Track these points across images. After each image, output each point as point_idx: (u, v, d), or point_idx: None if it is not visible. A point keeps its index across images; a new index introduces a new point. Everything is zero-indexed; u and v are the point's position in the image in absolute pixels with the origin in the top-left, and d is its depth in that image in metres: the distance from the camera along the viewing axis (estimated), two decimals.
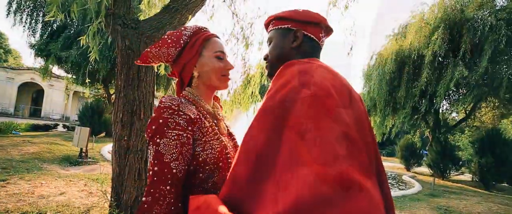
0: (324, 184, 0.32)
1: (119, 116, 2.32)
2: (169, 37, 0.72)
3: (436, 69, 8.55)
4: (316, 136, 0.38)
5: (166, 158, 0.58)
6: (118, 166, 2.17)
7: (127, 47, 2.49)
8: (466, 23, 8.13)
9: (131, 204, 2.02)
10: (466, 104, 9.54)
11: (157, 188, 0.57)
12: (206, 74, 0.73)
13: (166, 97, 0.66)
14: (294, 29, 0.65)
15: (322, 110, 0.42)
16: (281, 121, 0.44)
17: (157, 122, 0.60)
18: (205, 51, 0.73)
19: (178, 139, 0.60)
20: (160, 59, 0.73)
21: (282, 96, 0.47)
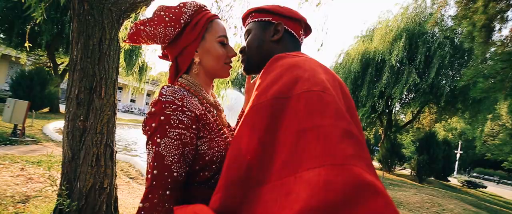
0: (336, 187, 0.28)
1: (74, 92, 1.99)
2: (167, 14, 0.61)
3: (394, 74, 9.47)
4: (318, 134, 0.35)
5: (166, 160, 0.52)
6: (71, 149, 1.88)
7: (87, 12, 2.11)
8: (422, 36, 9.10)
9: (86, 192, 1.78)
10: (414, 108, 10.87)
11: (156, 193, 0.51)
12: (208, 61, 0.65)
13: (167, 89, 0.57)
14: (275, 23, 0.62)
15: (320, 106, 0.38)
16: (275, 119, 0.40)
17: (158, 119, 0.53)
18: (208, 35, 0.64)
19: (181, 139, 0.53)
20: (154, 40, 0.63)
21: (274, 92, 0.43)
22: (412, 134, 14.25)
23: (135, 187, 2.90)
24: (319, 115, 0.37)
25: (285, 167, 0.35)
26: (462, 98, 9.05)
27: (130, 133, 9.67)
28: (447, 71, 9.19)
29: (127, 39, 0.64)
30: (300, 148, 0.35)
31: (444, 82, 9.05)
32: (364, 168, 0.31)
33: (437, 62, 8.44)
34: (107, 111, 2.02)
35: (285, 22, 0.62)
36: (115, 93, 2.19)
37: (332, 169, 0.30)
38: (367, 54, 10.34)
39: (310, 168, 0.31)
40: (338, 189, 0.28)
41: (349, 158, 0.31)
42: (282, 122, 0.39)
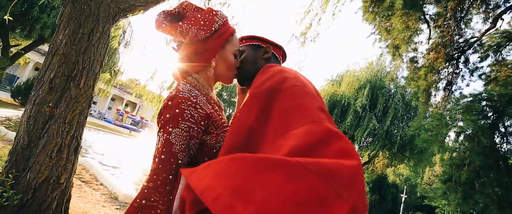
0: (314, 134, 0.41)
1: (48, 75, 1.88)
2: (202, 18, 0.69)
3: (357, 118, 10.48)
4: (301, 108, 0.49)
5: (174, 148, 0.58)
6: (28, 135, 1.71)
7: (84, 1, 2.12)
8: (382, 89, 10.49)
9: (36, 185, 1.59)
10: (370, 151, 11.91)
11: (160, 176, 0.56)
12: (221, 68, 0.74)
13: (183, 86, 0.65)
14: (264, 46, 0.79)
15: (302, 94, 0.53)
16: (269, 104, 0.53)
17: (173, 111, 0.59)
18: (228, 46, 0.74)
19: (189, 131, 0.60)
20: (184, 36, 0.69)
21: (269, 86, 0.56)
22: (367, 176, 15.36)
23: (87, 192, 2.59)
24: (301, 98, 0.51)
25: (277, 132, 0.47)
26: (409, 148, 10.31)
27: (86, 135, 8.70)
28: (399, 122, 10.54)
29: (161, 29, 0.70)
30: (288, 118, 0.47)
31: (396, 131, 10.30)
32: (331, 124, 0.45)
33: (392, 113, 9.70)
34: (82, 102, 1.92)
35: (271, 47, 0.80)
36: (94, 86, 2.11)
37: (311, 124, 0.43)
38: (335, 96, 11.39)
39: (296, 128, 0.44)
40: (316, 134, 0.40)
41: (323, 119, 0.45)
42: (274, 105, 0.52)
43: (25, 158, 1.67)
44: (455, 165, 4.77)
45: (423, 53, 6.27)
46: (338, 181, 0.32)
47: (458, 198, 4.58)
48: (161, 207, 0.55)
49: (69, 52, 1.97)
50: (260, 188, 0.32)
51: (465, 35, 6.09)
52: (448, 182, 4.81)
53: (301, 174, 0.33)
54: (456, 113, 4.60)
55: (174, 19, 0.73)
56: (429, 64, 5.90)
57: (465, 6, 5.74)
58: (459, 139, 4.80)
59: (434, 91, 6.13)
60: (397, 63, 6.32)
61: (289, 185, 0.31)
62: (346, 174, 0.34)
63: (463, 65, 6.17)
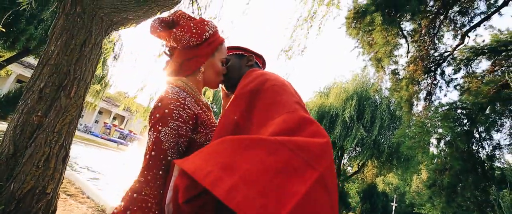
0: (290, 121, 0.48)
1: (38, 85, 1.90)
2: (194, 27, 0.76)
3: (346, 128, 10.73)
4: (280, 102, 0.56)
5: (164, 145, 0.62)
6: (14, 144, 1.69)
7: (77, 14, 2.19)
8: (368, 100, 10.89)
9: (20, 196, 1.56)
10: (360, 161, 12.11)
11: (150, 171, 0.60)
12: (210, 73, 0.80)
13: (172, 88, 0.70)
14: (247, 55, 0.87)
15: (281, 91, 0.60)
16: (251, 103, 0.60)
17: (162, 111, 0.64)
18: (217, 54, 0.81)
19: (178, 130, 0.64)
20: (177, 42, 0.75)
21: (252, 86, 0.64)
22: (357, 185, 15.47)
23: (72, 205, 2.50)
24: (280, 95, 0.59)
25: (259, 125, 0.54)
26: (396, 156, 10.58)
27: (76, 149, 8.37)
28: (385, 131, 10.89)
29: (156, 34, 0.76)
30: (269, 112, 0.54)
31: (383, 141, 10.60)
32: (306, 113, 0.52)
33: (378, 123, 10.04)
34: (72, 112, 1.94)
35: (254, 56, 0.88)
36: (85, 96, 2.13)
37: (288, 114, 0.50)
38: (323, 107, 11.68)
39: (277, 118, 0.51)
40: (292, 121, 0.47)
41: (298, 109, 0.52)
42: (256, 103, 0.59)
43: (9, 167, 1.65)
44: (437, 170, 4.98)
45: (403, 65, 6.68)
46: (309, 154, 0.38)
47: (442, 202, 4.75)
48: (152, 201, 0.58)
49: (61, 62, 2.00)
50: (244, 161, 0.38)
51: (439, 49, 6.57)
52: (432, 187, 4.99)
53: (278, 149, 0.38)
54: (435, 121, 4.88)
55: (167, 26, 0.78)
56: (410, 76, 6.28)
57: (437, 24, 6.25)
58: (440, 145, 5.06)
59: (416, 101, 6.50)
60: (380, 75, 6.69)
61: (268, 158, 0.37)
62: (316, 149, 0.40)
63: (440, 76, 6.61)
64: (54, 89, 1.91)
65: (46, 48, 2.06)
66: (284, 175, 0.35)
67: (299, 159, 0.38)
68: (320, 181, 0.36)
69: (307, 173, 0.36)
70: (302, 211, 0.32)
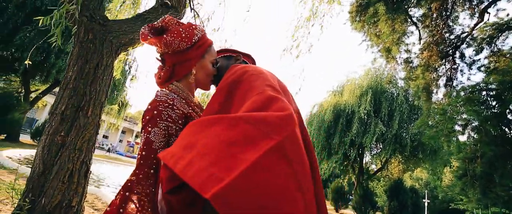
0: (257, 101, 0.49)
1: (60, 108, 2.08)
2: (183, 31, 0.78)
3: (363, 125, 10.37)
4: (253, 86, 0.58)
5: (154, 145, 0.65)
6: (43, 163, 1.87)
7: (89, 41, 2.39)
8: (384, 93, 10.49)
9: (50, 209, 1.71)
10: (382, 157, 11.57)
11: (142, 170, 0.63)
12: (201, 75, 0.83)
13: (161, 92, 0.73)
14: (235, 55, 0.91)
15: (257, 78, 0.62)
16: (231, 93, 0.63)
17: (152, 113, 0.67)
18: (207, 55, 0.84)
19: (167, 130, 0.67)
20: (167, 47, 0.77)
21: (232, 79, 0.67)
22: (383, 183, 14.70)
23: None
24: (254, 81, 0.61)
25: (236, 111, 0.56)
26: (421, 149, 9.98)
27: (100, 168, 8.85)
28: (406, 124, 10.36)
29: (145, 39, 0.78)
30: (245, 98, 0.57)
31: (405, 134, 10.08)
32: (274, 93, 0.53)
33: (398, 116, 9.59)
34: (90, 129, 2.10)
35: (242, 56, 0.93)
36: (101, 114, 2.30)
37: (257, 95, 0.52)
38: (338, 106, 11.40)
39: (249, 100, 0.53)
40: (259, 101, 0.49)
41: (267, 90, 0.54)
42: (235, 93, 0.62)
43: (40, 184, 1.81)
44: (467, 158, 4.63)
45: (416, 53, 6.40)
46: (266, 125, 0.39)
47: (477, 193, 4.37)
48: (144, 199, 0.61)
49: (78, 85, 2.19)
50: (203, 138, 0.39)
51: (455, 31, 6.21)
52: (463, 177, 4.63)
53: (236, 124, 0.39)
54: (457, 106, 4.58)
55: (157, 32, 0.81)
56: (424, 63, 6.00)
57: (449, 5, 5.95)
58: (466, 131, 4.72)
59: (435, 88, 6.15)
60: (392, 66, 6.46)
61: (225, 131, 0.38)
62: (274, 120, 0.40)
63: (460, 60, 6.22)
64: (74, 111, 2.08)
65: (65, 74, 2.27)
66: (238, 145, 0.36)
67: (256, 130, 0.38)
68: (278, 149, 0.36)
69: (262, 142, 0.36)
70: (251, 177, 0.32)
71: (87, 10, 2.48)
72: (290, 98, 0.72)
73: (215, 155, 0.36)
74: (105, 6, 3.90)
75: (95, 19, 2.46)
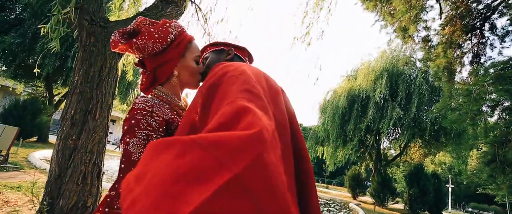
0: (225, 114, 0.42)
1: (70, 113, 2.14)
2: (156, 31, 0.72)
3: (379, 109, 9.97)
4: (228, 93, 0.51)
5: (133, 156, 0.61)
6: (58, 167, 1.95)
7: (92, 44, 2.40)
8: (401, 75, 9.94)
9: (67, 210, 1.80)
10: (400, 142, 11.15)
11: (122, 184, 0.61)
12: (185, 75, 0.77)
13: (140, 98, 0.68)
14: (227, 49, 0.82)
15: (234, 81, 0.55)
16: (209, 99, 0.57)
17: (129, 123, 0.63)
18: (187, 53, 0.77)
19: (148, 139, 0.63)
20: (141, 51, 0.73)
21: (211, 82, 0.60)
22: (402, 169, 14.25)
23: None
24: (231, 85, 0.54)
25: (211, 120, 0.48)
26: (444, 132, 9.46)
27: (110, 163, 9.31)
28: (427, 107, 9.81)
29: (117, 49, 0.73)
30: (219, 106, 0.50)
31: (425, 117, 9.57)
32: (246, 102, 0.45)
33: (416, 99, 9.09)
34: (99, 132, 2.15)
35: (234, 49, 0.82)
36: (109, 116, 2.35)
37: (226, 106, 0.45)
38: (352, 91, 11.00)
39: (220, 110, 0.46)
40: (227, 113, 0.42)
41: (238, 98, 0.47)
42: (213, 100, 0.55)
43: (57, 186, 1.90)
44: (497, 142, 4.27)
45: (436, 29, 5.88)
46: (223, 151, 0.31)
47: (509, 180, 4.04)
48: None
49: (84, 90, 2.23)
50: (154, 167, 0.33)
51: (483, 0, 5.58)
52: (492, 163, 4.30)
53: (189, 150, 0.33)
54: (484, 85, 4.19)
55: (129, 36, 0.75)
56: (446, 40, 5.51)
57: None
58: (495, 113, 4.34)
59: (459, 67, 5.66)
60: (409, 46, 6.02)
61: (175, 161, 0.32)
62: (234, 143, 0.32)
63: (490, 32, 5.63)
64: (82, 115, 2.14)
65: (72, 79, 2.31)
66: (186, 180, 0.30)
67: (211, 158, 0.31)
68: (236, 184, 0.30)
69: (215, 176, 0.30)
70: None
71: (87, 13, 2.49)
72: (280, 99, 0.64)
73: (158, 194, 0.30)
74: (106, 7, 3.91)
75: (95, 22, 2.46)
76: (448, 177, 11.82)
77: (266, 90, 0.59)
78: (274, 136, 0.41)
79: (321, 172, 30.11)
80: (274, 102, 0.59)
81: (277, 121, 0.53)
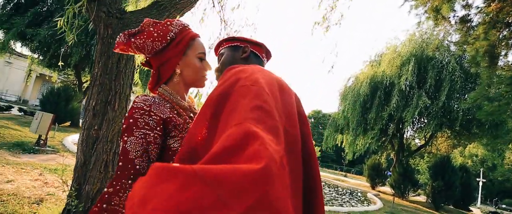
0: (231, 137, 0.40)
1: (91, 104, 2.25)
2: (155, 30, 0.73)
3: (404, 97, 9.36)
4: (236, 109, 0.49)
5: (131, 154, 0.62)
6: (83, 155, 2.09)
7: (109, 36, 2.45)
8: (431, 61, 9.12)
9: (93, 195, 1.94)
10: (426, 133, 10.50)
11: (119, 181, 0.61)
12: (188, 73, 0.76)
13: (140, 97, 0.69)
14: (243, 46, 0.78)
15: (245, 93, 0.52)
16: (218, 109, 0.54)
17: (128, 121, 0.65)
18: (189, 51, 0.76)
19: (145, 138, 0.64)
20: (142, 51, 0.74)
21: (221, 90, 0.57)
22: (427, 160, 13.51)
23: None
24: (242, 97, 0.51)
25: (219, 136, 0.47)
26: (477, 123, 8.68)
27: None
28: (459, 95, 9.00)
29: (118, 48, 0.74)
30: (227, 122, 0.48)
31: (456, 106, 8.82)
32: (255, 125, 0.43)
33: (447, 86, 8.34)
34: (119, 122, 2.24)
35: (251, 46, 0.78)
36: (127, 107, 2.44)
37: (234, 127, 0.43)
38: (375, 78, 10.39)
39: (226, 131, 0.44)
40: (233, 138, 0.40)
41: (247, 120, 0.44)
42: (222, 110, 0.53)
43: (83, 173, 2.05)
44: None
45: (479, 7, 5.18)
46: (226, 189, 0.31)
47: None
48: (122, 210, 0.59)
49: (104, 81, 2.32)
50: (157, 195, 0.33)
51: None
52: None
53: (191, 183, 0.32)
54: None
55: (132, 37, 0.75)
56: (490, 19, 4.85)
57: None
58: None
59: (505, 50, 4.98)
60: (442, 28, 5.41)
61: (178, 194, 0.32)
62: (238, 182, 0.31)
63: None
64: (103, 106, 2.24)
65: (92, 71, 2.41)
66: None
67: (214, 196, 0.31)
68: None
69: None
70: None
71: (104, 5, 2.52)
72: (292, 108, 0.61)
73: None
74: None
75: (112, 13, 2.50)
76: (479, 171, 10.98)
77: (279, 100, 0.56)
78: (282, 164, 0.39)
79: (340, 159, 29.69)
80: (286, 113, 0.57)
81: (288, 135, 0.53)
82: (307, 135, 0.64)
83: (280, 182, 0.36)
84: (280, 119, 0.51)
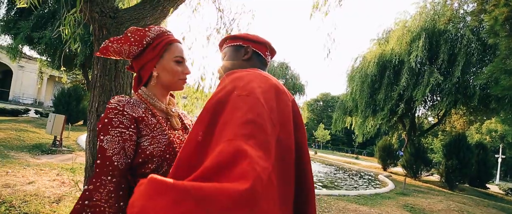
0: (222, 153, 0.42)
1: (94, 106, 2.29)
2: (132, 36, 0.76)
3: (414, 75, 9.00)
4: (229, 122, 0.50)
5: (108, 152, 0.65)
6: (91, 156, 2.15)
7: (105, 37, 2.44)
8: (444, 34, 8.60)
9: None
10: (439, 110, 10.15)
11: (99, 178, 0.64)
12: (164, 76, 0.79)
13: (115, 98, 0.73)
14: (245, 46, 0.79)
15: (240, 105, 0.53)
16: (216, 117, 0.55)
17: (103, 121, 0.68)
18: (166, 54, 0.78)
19: (121, 136, 0.67)
20: (120, 55, 0.79)
21: (218, 98, 0.58)
22: (441, 138, 13.16)
23: None
24: (237, 110, 0.52)
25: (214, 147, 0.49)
26: (495, 98, 8.26)
27: None
28: (475, 69, 8.52)
29: (99, 52, 0.80)
30: (221, 134, 0.49)
31: (472, 81, 8.38)
32: (245, 142, 0.44)
33: (462, 60, 7.89)
34: None
35: (253, 45, 0.79)
36: None
37: (225, 143, 0.45)
38: (383, 56, 9.99)
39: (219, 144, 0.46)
40: (223, 155, 0.42)
41: (238, 136, 0.45)
42: (219, 118, 0.54)
43: (93, 173, 2.13)
44: None
45: None
46: (215, 208, 0.34)
47: None
48: (104, 205, 0.61)
49: (104, 82, 2.33)
50: (153, 209, 0.36)
51: None
52: None
53: (183, 200, 0.35)
54: None
55: None
56: None
57: None
58: None
59: None
60: None
61: (171, 209, 0.35)
62: (224, 201, 0.34)
63: None
64: (105, 107, 2.26)
65: (92, 73, 2.43)
66: None
67: (202, 212, 0.34)
68: None
69: None
70: None
71: (97, 5, 2.49)
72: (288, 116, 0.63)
73: None
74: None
75: (105, 13, 2.46)
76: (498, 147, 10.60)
77: (274, 109, 0.57)
78: (269, 180, 0.43)
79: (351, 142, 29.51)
80: (281, 122, 0.57)
81: (281, 144, 0.55)
82: (302, 143, 0.66)
83: (266, 199, 0.40)
84: (273, 130, 0.52)
